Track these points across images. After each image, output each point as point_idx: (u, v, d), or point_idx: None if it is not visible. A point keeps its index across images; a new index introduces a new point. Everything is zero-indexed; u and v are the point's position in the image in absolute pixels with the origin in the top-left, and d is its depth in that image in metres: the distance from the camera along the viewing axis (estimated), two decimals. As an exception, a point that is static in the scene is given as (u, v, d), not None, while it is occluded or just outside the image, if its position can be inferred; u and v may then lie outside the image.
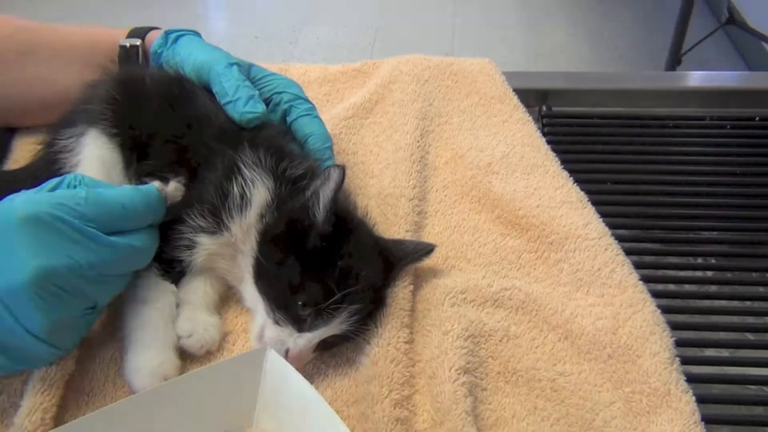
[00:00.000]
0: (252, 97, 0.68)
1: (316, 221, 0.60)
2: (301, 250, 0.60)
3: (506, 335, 0.65)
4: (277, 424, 0.55)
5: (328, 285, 0.58)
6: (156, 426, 0.53)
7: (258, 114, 0.68)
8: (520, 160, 0.83)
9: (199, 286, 0.64)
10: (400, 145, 0.83)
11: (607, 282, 0.67)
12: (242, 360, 0.56)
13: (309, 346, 0.59)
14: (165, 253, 0.62)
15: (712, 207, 0.83)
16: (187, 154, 0.66)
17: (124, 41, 0.78)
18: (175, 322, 0.61)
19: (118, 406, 0.51)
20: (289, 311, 0.59)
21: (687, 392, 0.59)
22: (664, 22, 2.74)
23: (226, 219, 0.62)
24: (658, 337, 0.62)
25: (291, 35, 2.94)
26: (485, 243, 0.74)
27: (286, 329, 0.59)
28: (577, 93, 0.99)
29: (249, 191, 0.62)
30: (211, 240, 0.62)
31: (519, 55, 2.88)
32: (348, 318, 0.59)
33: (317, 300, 0.58)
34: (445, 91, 0.94)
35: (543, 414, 0.59)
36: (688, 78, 1.02)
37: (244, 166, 0.63)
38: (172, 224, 0.62)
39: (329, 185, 0.59)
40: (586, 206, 0.76)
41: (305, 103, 0.75)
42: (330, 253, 0.60)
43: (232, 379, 0.55)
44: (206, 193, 0.63)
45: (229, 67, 0.71)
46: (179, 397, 0.53)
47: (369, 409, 0.56)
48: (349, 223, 0.63)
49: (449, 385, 0.58)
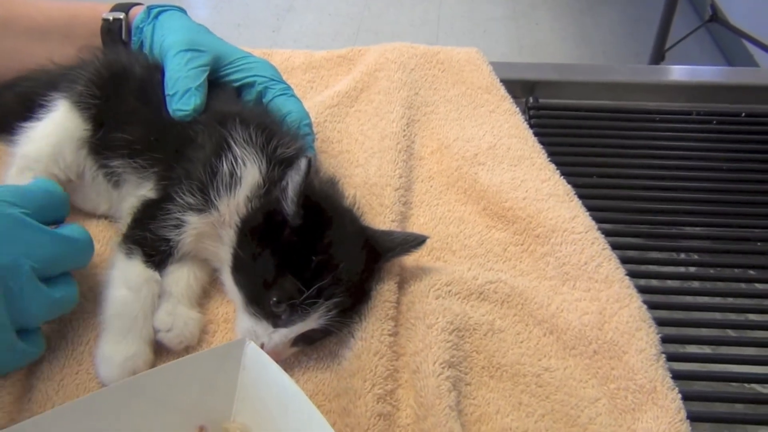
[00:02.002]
0: (188, 91, 0.66)
1: (287, 213, 0.58)
2: (276, 243, 0.58)
3: (491, 329, 0.63)
4: (255, 418, 0.53)
5: (302, 280, 0.56)
6: (130, 419, 0.51)
7: (187, 112, 0.66)
8: (507, 151, 0.81)
9: (182, 276, 0.62)
10: (385, 134, 0.81)
11: (594, 276, 0.66)
12: (219, 352, 0.54)
13: (284, 342, 0.57)
14: (151, 233, 0.60)
15: (696, 202, 0.82)
16: (167, 135, 0.64)
17: (107, 14, 0.76)
18: (155, 314, 0.59)
19: (90, 399, 0.49)
20: (263, 307, 0.57)
21: (673, 389, 0.58)
22: (646, 18, 2.76)
23: (214, 197, 0.60)
24: (644, 333, 0.61)
25: (274, 23, 2.91)
26: (471, 235, 0.73)
27: (261, 323, 0.57)
28: (564, 85, 0.98)
29: (239, 170, 0.60)
30: (199, 218, 0.60)
31: (503, 47, 2.87)
32: (326, 313, 0.57)
33: (291, 296, 0.56)
34: (431, 80, 0.92)
35: (528, 410, 0.58)
36: (675, 72, 1.01)
37: (235, 143, 0.61)
38: (159, 203, 0.61)
39: (296, 177, 0.56)
40: (572, 199, 0.75)
41: (280, 83, 0.74)
42: (306, 245, 0.58)
43: (209, 372, 0.53)
44: (195, 170, 0.61)
45: (177, 56, 0.69)
46: (154, 389, 0.51)
47: (351, 403, 0.55)
48: (330, 213, 0.61)
49: (433, 380, 0.56)
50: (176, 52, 0.69)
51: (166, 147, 0.64)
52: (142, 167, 0.64)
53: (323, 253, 0.58)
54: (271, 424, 0.52)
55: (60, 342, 0.59)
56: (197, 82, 0.67)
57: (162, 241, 0.61)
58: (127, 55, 0.72)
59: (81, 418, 0.48)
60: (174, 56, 0.69)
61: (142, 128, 0.66)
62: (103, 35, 0.77)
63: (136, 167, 0.64)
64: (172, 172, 0.62)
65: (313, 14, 3.00)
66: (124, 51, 0.74)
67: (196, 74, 0.68)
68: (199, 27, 0.75)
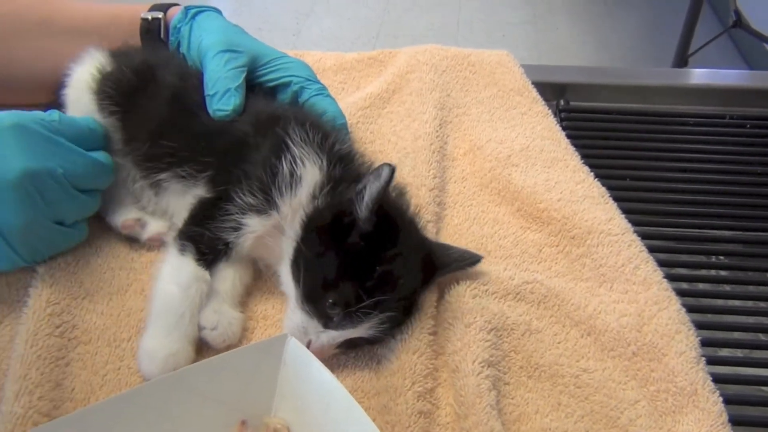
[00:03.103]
0: (227, 91, 0.67)
1: (358, 218, 0.57)
2: (342, 245, 0.57)
3: (528, 329, 0.63)
4: (296, 413, 0.54)
5: (363, 288, 0.56)
6: (174, 412, 0.51)
7: (227, 112, 0.66)
8: (540, 153, 0.81)
9: (228, 275, 0.62)
10: (418, 134, 0.81)
11: (631, 278, 0.66)
12: (261, 347, 0.54)
13: (331, 344, 0.57)
14: (210, 232, 0.60)
15: (729, 206, 0.82)
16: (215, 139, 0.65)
17: (146, 14, 0.77)
18: (201, 312, 0.59)
19: (135, 392, 0.50)
20: (318, 306, 0.57)
21: (714, 392, 0.57)
22: (666, 23, 2.74)
23: (276, 196, 0.60)
24: (684, 335, 0.61)
25: (294, 27, 2.92)
26: (505, 236, 0.72)
27: (312, 321, 0.57)
28: (595, 88, 0.98)
29: (299, 169, 0.60)
30: (260, 220, 0.60)
31: (522, 52, 2.86)
32: (378, 324, 0.57)
33: (348, 301, 0.56)
34: (462, 81, 0.93)
35: (567, 410, 0.58)
36: (707, 76, 1.00)
37: (293, 143, 0.61)
38: (218, 202, 0.61)
39: (377, 183, 0.56)
40: (608, 201, 0.74)
41: (316, 83, 0.74)
42: (372, 253, 0.57)
43: (250, 367, 0.53)
44: (255, 170, 0.61)
45: (216, 56, 0.69)
46: (197, 383, 0.52)
47: (392, 401, 0.55)
48: (399, 224, 0.60)
49: (473, 378, 0.56)
50: (215, 53, 0.70)
51: (215, 151, 0.64)
52: (191, 175, 0.64)
53: (387, 264, 0.57)
54: (311, 419, 0.53)
55: (104, 337, 0.59)
56: (236, 82, 0.68)
57: (219, 241, 0.61)
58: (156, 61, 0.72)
59: (126, 411, 0.49)
60: (213, 57, 0.69)
61: (185, 135, 0.66)
62: (142, 35, 0.78)
63: (185, 175, 0.64)
64: (226, 174, 0.62)
65: (333, 18, 3.01)
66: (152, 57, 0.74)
67: (235, 75, 0.68)
68: (236, 28, 0.76)
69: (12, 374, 0.53)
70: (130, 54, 0.73)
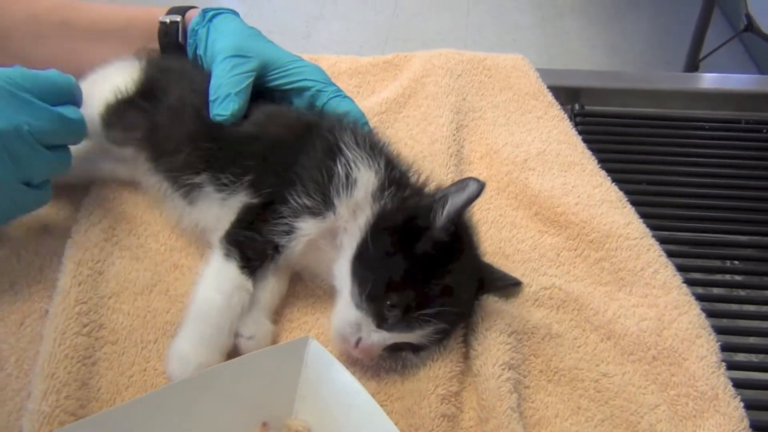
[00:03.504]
0: (227, 96, 0.67)
1: (434, 225, 0.57)
2: (412, 249, 0.57)
3: (548, 333, 0.63)
4: (316, 415, 0.54)
5: (425, 295, 0.56)
6: (196, 413, 0.51)
7: (226, 116, 0.67)
8: (557, 157, 0.81)
9: (267, 285, 0.62)
10: (435, 138, 0.82)
11: (651, 282, 0.66)
12: (283, 349, 0.55)
13: (381, 345, 0.57)
14: (261, 235, 0.60)
15: (745, 211, 0.82)
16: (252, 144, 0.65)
17: (164, 17, 0.78)
18: (242, 319, 0.59)
19: (159, 393, 0.50)
20: (377, 305, 0.56)
21: (735, 397, 0.58)
22: (676, 28, 2.74)
23: (334, 197, 0.60)
24: (704, 340, 0.61)
25: (304, 30, 2.93)
26: (523, 239, 0.73)
27: (367, 320, 0.57)
28: (609, 92, 0.98)
29: (354, 172, 0.61)
30: (314, 223, 0.60)
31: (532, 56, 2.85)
32: (431, 334, 0.57)
33: (409, 305, 0.56)
34: (478, 86, 0.93)
35: (587, 414, 0.58)
36: (723, 80, 1.00)
37: (346, 146, 0.62)
38: (269, 205, 0.61)
39: (462, 195, 0.56)
40: (625, 205, 0.75)
41: (331, 86, 0.74)
42: (440, 263, 0.57)
43: (272, 368, 0.54)
44: (309, 173, 0.61)
45: (223, 62, 0.70)
46: (221, 384, 0.52)
47: (415, 404, 0.55)
48: (464, 239, 0.61)
49: (493, 382, 0.57)
50: (223, 58, 0.70)
51: (254, 155, 0.64)
52: (232, 181, 0.63)
53: (453, 276, 0.57)
54: (331, 421, 0.53)
55: (131, 338, 0.60)
56: (237, 87, 0.68)
57: (269, 244, 0.61)
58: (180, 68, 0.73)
59: (151, 412, 0.50)
60: (220, 63, 0.70)
61: (218, 141, 0.66)
62: (160, 38, 0.78)
63: (227, 182, 0.64)
64: (270, 178, 0.62)
65: (342, 22, 3.02)
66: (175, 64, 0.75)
67: (238, 80, 0.69)
68: (251, 30, 0.76)
69: (39, 373, 0.54)
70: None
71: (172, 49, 0.78)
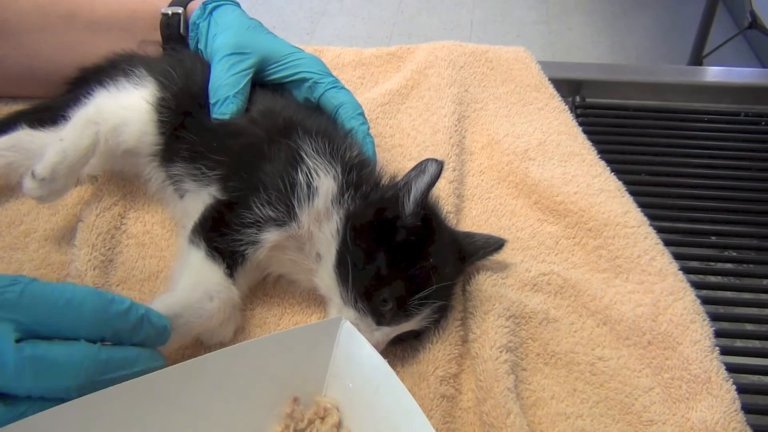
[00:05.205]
0: (227, 99, 0.68)
1: (404, 213, 0.58)
2: (389, 242, 0.58)
3: (546, 318, 0.65)
4: (346, 393, 0.54)
5: (414, 281, 0.57)
6: (228, 385, 0.52)
7: (226, 117, 0.68)
8: (557, 147, 0.83)
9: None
10: (437, 128, 0.83)
11: (647, 269, 0.67)
12: (316, 328, 0.55)
13: (386, 340, 0.58)
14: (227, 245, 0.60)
15: (742, 201, 0.83)
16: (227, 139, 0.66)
17: (166, 9, 0.79)
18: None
19: (192, 363, 0.50)
20: (371, 304, 0.57)
21: (727, 380, 0.59)
22: (680, 24, 2.74)
23: (297, 207, 0.60)
24: (698, 325, 0.62)
25: (309, 26, 2.94)
26: (523, 227, 0.74)
27: (365, 320, 0.58)
28: (611, 85, 0.99)
29: (314, 181, 0.61)
30: (278, 233, 0.60)
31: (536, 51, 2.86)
32: (429, 315, 0.58)
33: (401, 296, 0.57)
34: (480, 77, 0.94)
35: (582, 396, 0.60)
36: (722, 74, 1.01)
37: (306, 155, 0.62)
38: (234, 207, 0.61)
39: (423, 178, 0.57)
40: (624, 195, 0.76)
41: (328, 77, 0.75)
42: (419, 246, 0.58)
43: (305, 346, 0.54)
44: (272, 181, 0.61)
45: (221, 61, 0.71)
46: (255, 358, 0.52)
47: (415, 385, 0.57)
48: (435, 219, 0.62)
49: (491, 363, 0.58)
50: (221, 57, 0.71)
51: (228, 150, 0.65)
52: (203, 173, 0.64)
53: (434, 256, 0.58)
54: (360, 400, 0.53)
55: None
56: (236, 88, 0.69)
57: (237, 247, 0.61)
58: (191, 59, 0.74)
59: (184, 382, 0.49)
60: (218, 62, 0.71)
61: (203, 131, 0.67)
62: (162, 30, 0.79)
63: (196, 173, 0.64)
64: (239, 179, 0.62)
65: (346, 18, 3.03)
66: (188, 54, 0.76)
67: (236, 80, 0.70)
68: (251, 23, 0.77)
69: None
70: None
71: (174, 41, 0.79)
